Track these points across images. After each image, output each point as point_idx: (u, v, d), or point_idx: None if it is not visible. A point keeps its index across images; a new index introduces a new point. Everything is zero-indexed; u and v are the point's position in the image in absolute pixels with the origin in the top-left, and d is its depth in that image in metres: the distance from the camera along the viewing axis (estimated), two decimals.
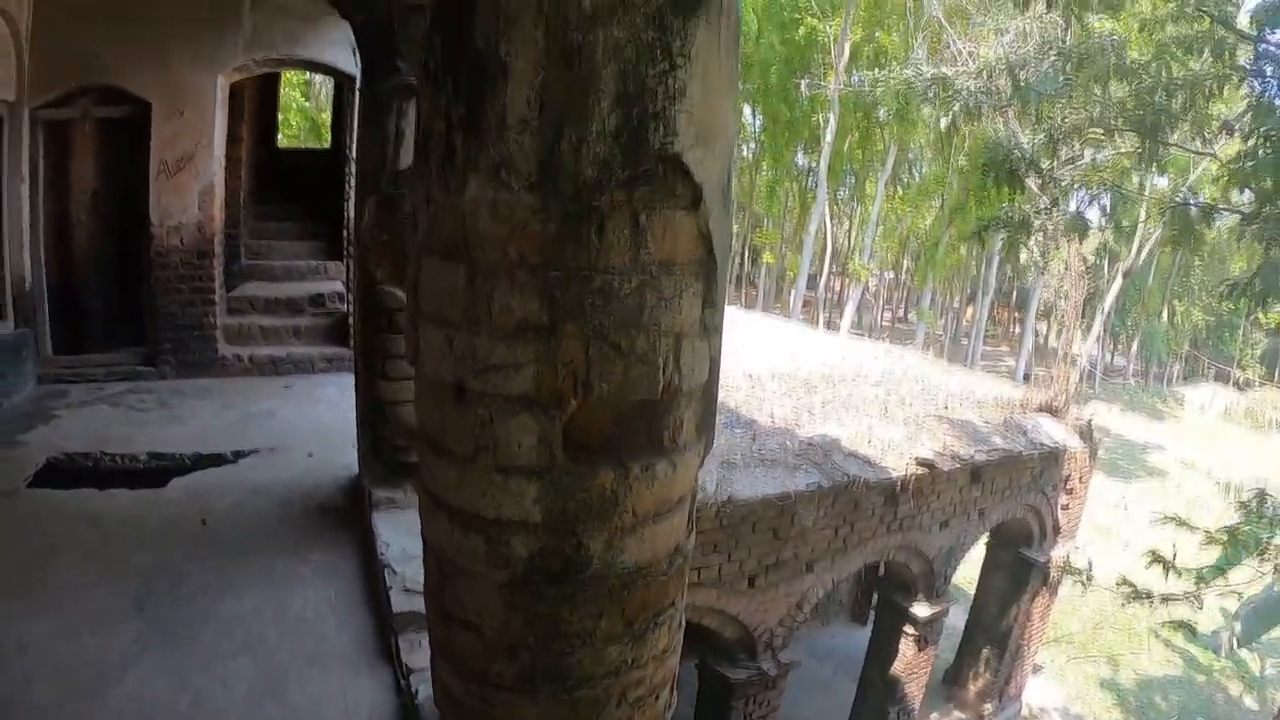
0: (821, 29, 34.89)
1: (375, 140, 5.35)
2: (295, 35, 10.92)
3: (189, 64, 10.86)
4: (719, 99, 2.11)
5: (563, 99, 1.91)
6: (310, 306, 12.15)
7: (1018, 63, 14.10)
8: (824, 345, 16.47)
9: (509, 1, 1.92)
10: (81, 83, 11.15)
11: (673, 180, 2.03)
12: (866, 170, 43.30)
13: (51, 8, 10.74)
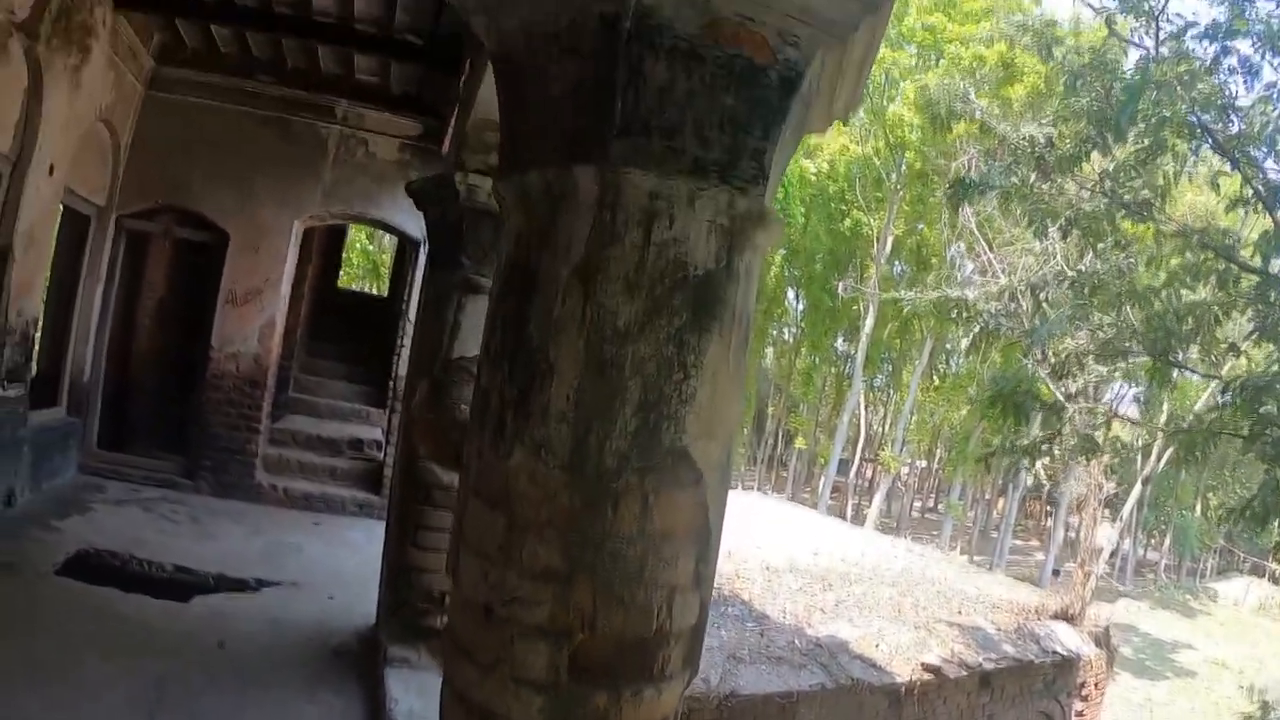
0: (866, 222, 36.18)
1: (434, 327, 5.93)
2: (369, 195, 11.72)
3: (270, 205, 11.66)
4: (726, 397, 2.60)
5: (594, 401, 2.42)
6: (349, 449, 12.64)
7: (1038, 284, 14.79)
8: (846, 539, 16.74)
9: (558, 313, 2.44)
10: (167, 202, 12.05)
11: (680, 468, 2.51)
12: (903, 359, 44.11)
13: (152, 128, 11.68)
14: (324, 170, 11.84)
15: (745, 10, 2.42)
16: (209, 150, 11.72)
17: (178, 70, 11.78)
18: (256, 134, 11.77)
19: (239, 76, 11.71)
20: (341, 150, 11.86)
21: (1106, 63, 14.05)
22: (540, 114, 2.66)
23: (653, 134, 2.42)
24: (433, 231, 6.44)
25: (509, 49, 2.78)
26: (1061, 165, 14.24)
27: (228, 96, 11.80)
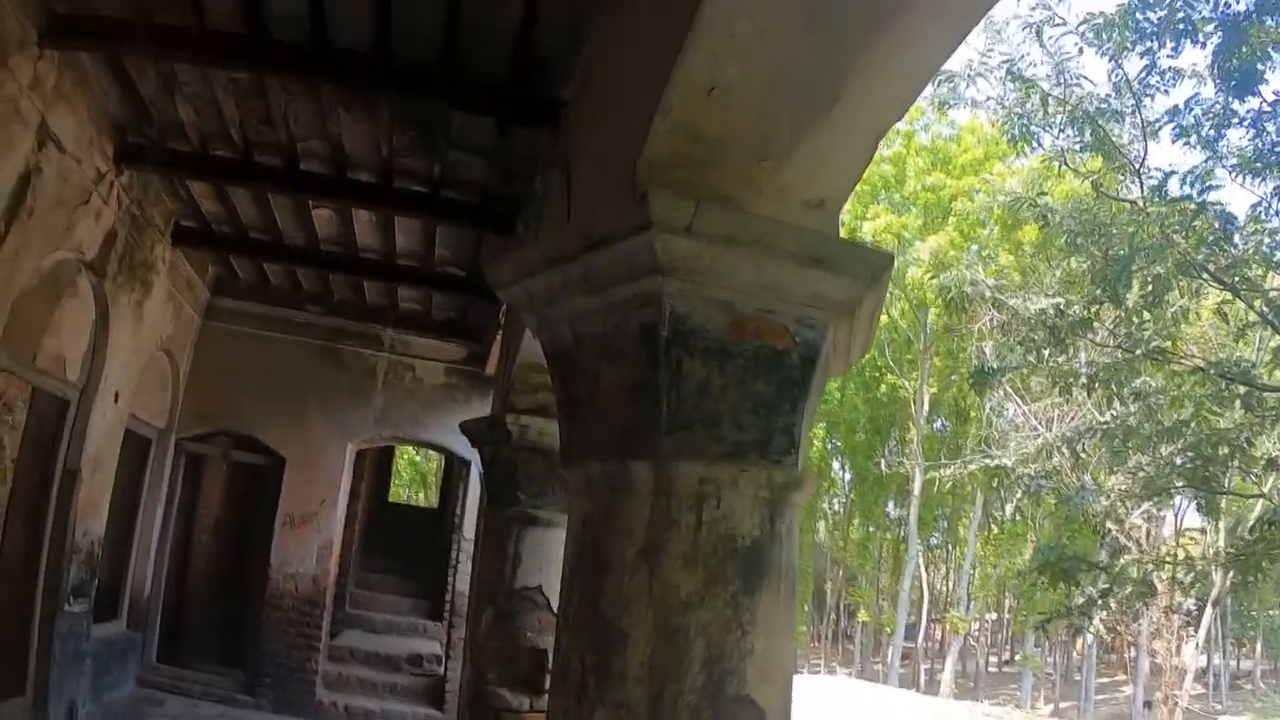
0: (901, 385, 36.44)
1: (495, 559, 6.25)
2: (418, 419, 12.22)
3: (323, 430, 12.16)
4: (780, 644, 2.91)
5: (665, 664, 2.73)
6: (408, 665, 12.72)
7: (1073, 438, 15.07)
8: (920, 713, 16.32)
9: (627, 589, 2.79)
10: (224, 427, 12.56)
11: (745, 714, 2.80)
12: (957, 515, 43.52)
13: (209, 357, 12.34)
14: (374, 395, 12.41)
15: (765, 306, 2.78)
16: (263, 377, 12.34)
17: (232, 301, 12.57)
18: (308, 362, 12.40)
19: (290, 307, 12.44)
20: (390, 376, 12.47)
21: (1099, 224, 14.62)
22: (595, 410, 3.01)
23: (696, 426, 2.74)
24: (488, 468, 6.78)
25: (560, 349, 3.17)
26: (1073, 330, 14.69)
27: (280, 326, 12.50)
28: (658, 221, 2.54)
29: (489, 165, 7.89)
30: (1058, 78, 14.80)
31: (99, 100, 8.30)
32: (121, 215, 9.37)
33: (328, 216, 9.78)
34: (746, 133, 2.85)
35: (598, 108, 4.68)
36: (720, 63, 2.67)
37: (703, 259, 2.62)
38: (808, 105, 2.74)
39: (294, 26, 6.60)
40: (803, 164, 2.91)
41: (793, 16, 2.54)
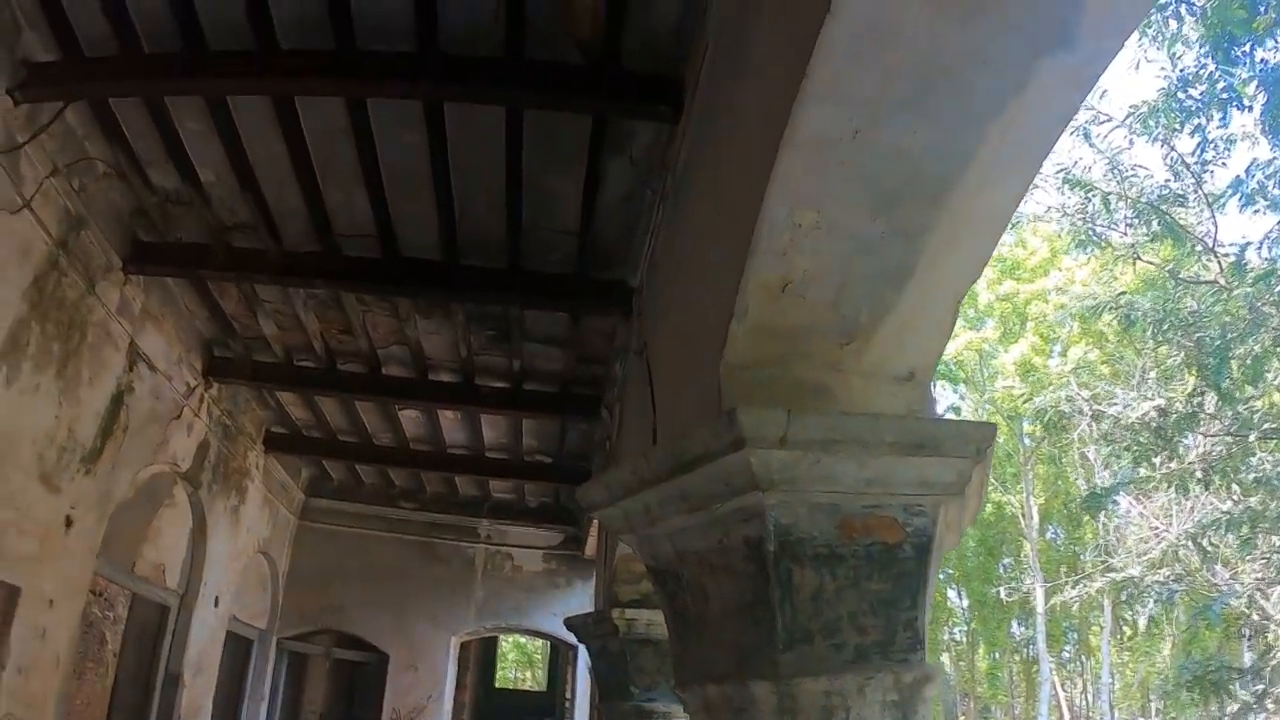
0: (1008, 501, 35.26)
1: None
2: (520, 607, 12.01)
3: (426, 625, 11.98)
4: None
5: None
6: None
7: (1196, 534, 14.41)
8: None
9: None
10: (325, 626, 12.42)
11: None
12: (1085, 623, 41.34)
13: (307, 557, 12.30)
14: (474, 587, 12.26)
15: (871, 502, 2.58)
16: (362, 575, 12.27)
17: (327, 502, 12.63)
18: (406, 557, 12.33)
19: (384, 505, 12.44)
20: (489, 566, 12.34)
21: (1184, 313, 14.17)
22: (706, 628, 2.81)
23: (815, 638, 2.52)
24: (596, 662, 6.60)
25: (663, 566, 2.99)
26: (1179, 427, 14.11)
27: (376, 523, 12.49)
28: (750, 438, 2.42)
29: (566, 354, 7.90)
30: (1113, 173, 14.61)
31: (185, 319, 8.57)
32: (213, 426, 9.55)
33: (414, 416, 9.86)
34: (825, 321, 2.79)
35: (669, 300, 4.59)
36: (789, 259, 2.62)
37: (801, 466, 2.49)
38: (883, 284, 2.69)
39: (364, 243, 6.80)
40: (886, 341, 2.83)
41: (857, 201, 2.49)
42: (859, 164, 2.38)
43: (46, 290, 6.39)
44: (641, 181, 5.69)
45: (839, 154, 2.35)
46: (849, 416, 2.63)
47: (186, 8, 5.14)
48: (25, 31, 5.54)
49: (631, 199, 5.91)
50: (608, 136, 5.44)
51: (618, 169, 5.74)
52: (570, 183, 5.89)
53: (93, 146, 6.47)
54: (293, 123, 5.82)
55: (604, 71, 4.84)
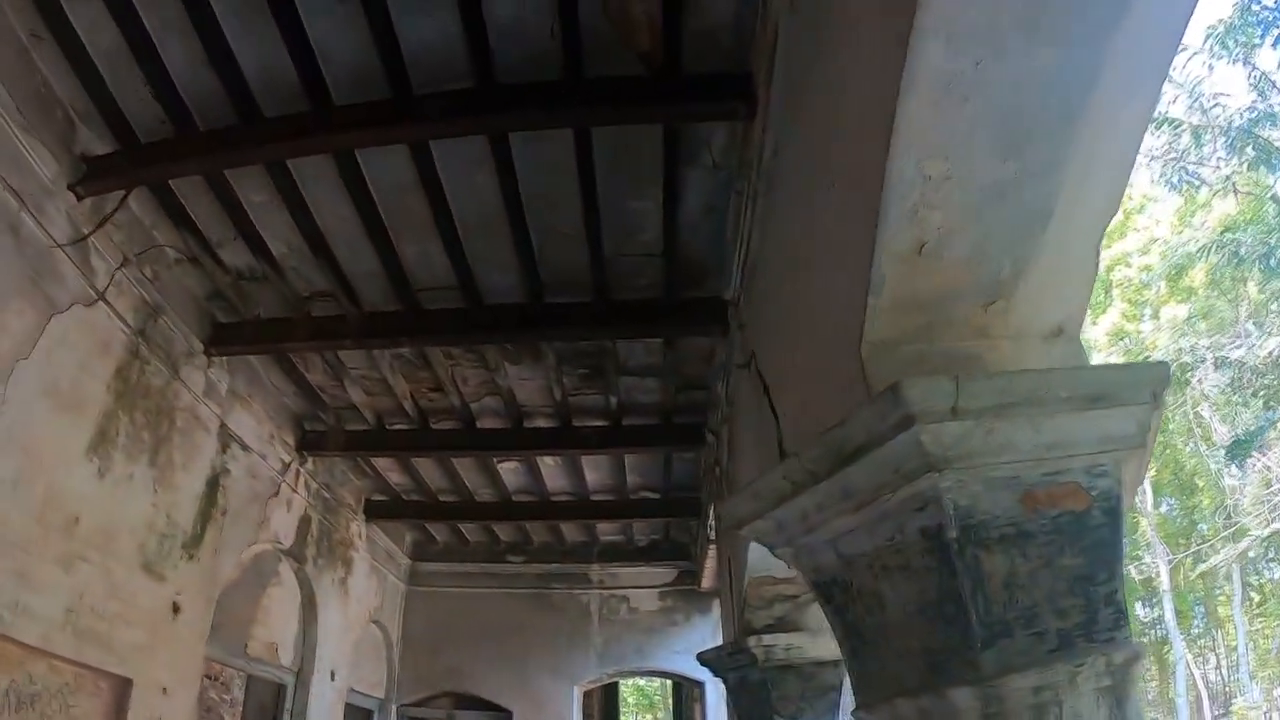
0: None
1: None
2: (640, 648, 11.70)
3: (546, 678, 11.73)
4: None
5: None
6: None
7: None
8: None
9: None
10: (445, 689, 12.24)
11: None
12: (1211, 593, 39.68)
13: (420, 622, 12.18)
14: (592, 634, 11.98)
15: (1051, 469, 2.29)
16: (478, 634, 12.08)
17: (434, 564, 12.51)
18: (520, 611, 12.11)
19: (492, 561, 12.26)
20: (604, 611, 12.04)
21: None
22: (886, 638, 2.53)
23: (1014, 630, 2.23)
24: (735, 695, 6.33)
25: (827, 576, 2.72)
26: None
27: (485, 581, 12.32)
28: (919, 412, 2.19)
29: (663, 383, 7.62)
30: (1195, 107, 13.91)
31: (273, 395, 8.53)
32: (313, 500, 9.49)
33: (513, 468, 9.66)
34: (966, 282, 2.55)
35: (778, 301, 4.26)
36: (921, 217, 2.39)
37: (975, 438, 2.23)
38: (1021, 232, 2.46)
39: (445, 295, 6.69)
40: (1031, 296, 2.58)
41: (985, 142, 2.27)
42: (983, 99, 2.17)
43: (130, 380, 6.41)
44: (724, 186, 5.47)
45: (962, 90, 2.14)
46: (1019, 375, 2.31)
47: (237, 79, 5.11)
48: (80, 128, 5.62)
49: (714, 209, 5.69)
50: (681, 147, 5.25)
51: (696, 180, 5.53)
52: (649, 202, 5.70)
53: (161, 233, 6.50)
54: (358, 181, 5.73)
55: (668, 79, 4.69)
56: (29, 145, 5.30)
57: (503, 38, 4.69)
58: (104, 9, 4.82)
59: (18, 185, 5.25)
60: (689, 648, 10.69)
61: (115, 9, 4.81)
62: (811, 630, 5.78)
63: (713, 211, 5.70)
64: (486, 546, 12.30)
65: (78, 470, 5.85)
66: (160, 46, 5.03)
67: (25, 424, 5.34)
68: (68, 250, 5.68)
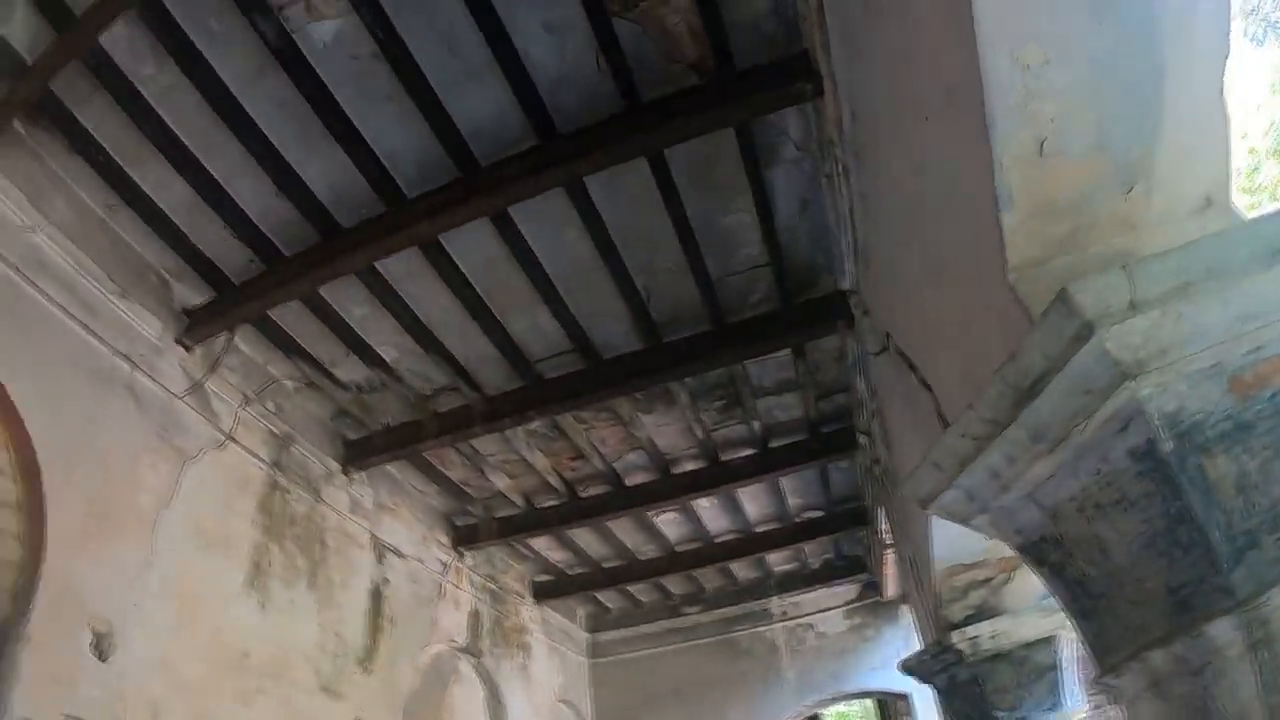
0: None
1: None
2: (835, 673, 11.29)
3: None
4: None
5: None
6: None
7: None
8: None
9: None
10: None
11: None
12: None
13: (610, 694, 12.05)
14: (783, 669, 11.57)
15: (1249, 345, 1.97)
16: (670, 693, 11.81)
17: (612, 632, 12.30)
18: (706, 662, 11.80)
19: (669, 617, 12.02)
20: (792, 642, 11.63)
21: None
22: (1119, 589, 2.26)
23: (1260, 539, 1.92)
24: (947, 698, 5.90)
25: (1034, 536, 2.48)
26: None
27: (666, 638, 12.07)
28: (1096, 316, 1.96)
29: (802, 395, 7.29)
30: None
31: (419, 499, 8.52)
32: (478, 593, 9.45)
33: (671, 518, 9.43)
34: (1099, 171, 2.28)
35: (901, 270, 3.99)
36: (1031, 109, 2.17)
37: (1164, 329, 1.97)
38: (1139, 101, 2.18)
39: (563, 360, 6.61)
40: (1169, 170, 2.27)
41: (1075, 10, 2.08)
42: None
43: (274, 511, 6.52)
44: (812, 175, 5.22)
45: None
46: (1193, 245, 2.01)
47: (310, 200, 5.22)
48: (173, 283, 5.80)
49: (809, 202, 5.43)
50: (758, 147, 5.02)
51: (783, 177, 5.29)
52: (742, 214, 5.48)
53: (275, 366, 6.62)
54: (449, 267, 5.71)
55: (726, 80, 4.50)
56: (129, 310, 5.50)
57: (553, 88, 4.62)
58: (168, 167, 4.97)
59: (126, 349, 5.44)
60: (885, 662, 10.23)
61: (179, 165, 4.95)
62: (1014, 611, 5.35)
63: (808, 205, 5.44)
64: (661, 603, 12.06)
65: (239, 606, 5.96)
66: (230, 189, 5.18)
67: (179, 571, 5.48)
68: (187, 400, 5.86)
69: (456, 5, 4.18)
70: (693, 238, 5.52)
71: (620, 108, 4.63)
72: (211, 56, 4.43)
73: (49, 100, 4.61)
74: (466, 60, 4.45)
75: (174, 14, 4.24)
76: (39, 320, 4.90)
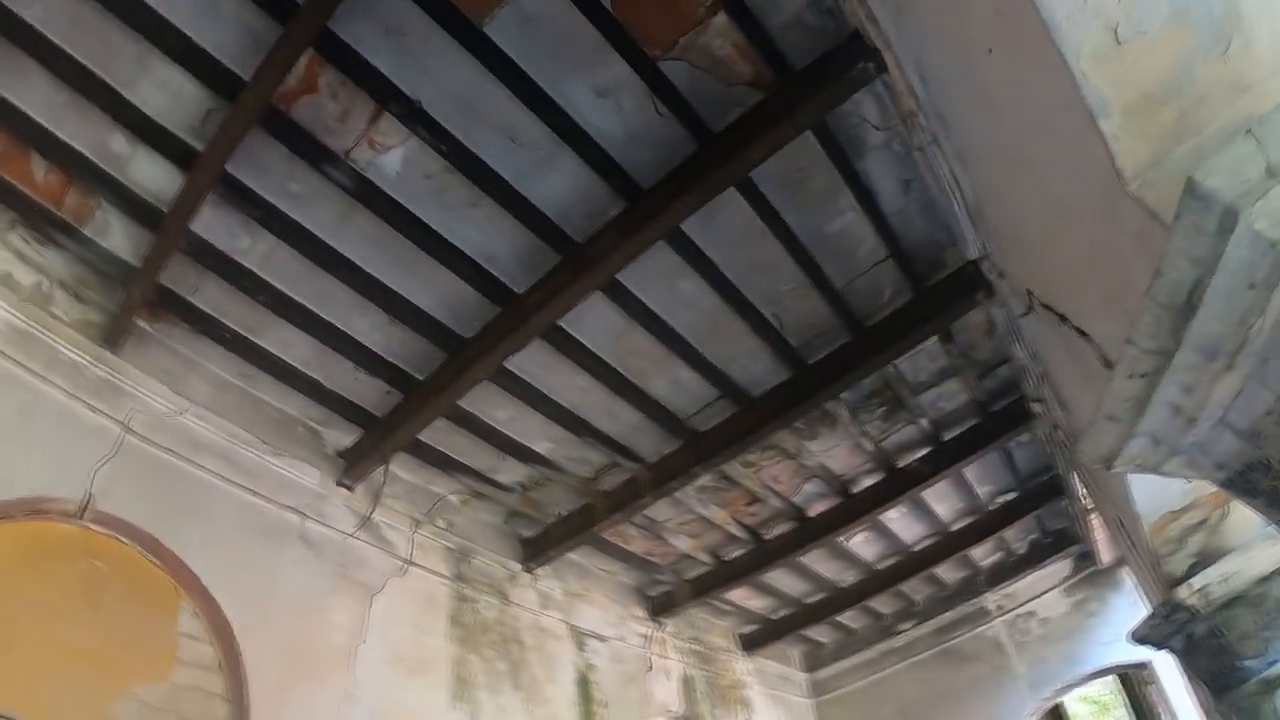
0: None
1: None
2: (1069, 656, 10.60)
3: None
4: None
5: None
6: None
7: None
8: None
9: None
10: None
11: None
12: None
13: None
14: (1013, 665, 10.94)
15: None
16: (900, 716, 11.37)
17: (830, 668, 11.94)
18: (932, 676, 11.28)
19: (884, 639, 11.62)
20: (1015, 635, 11.04)
21: None
22: None
23: None
24: (1188, 660, 5.36)
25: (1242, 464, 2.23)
26: None
27: (886, 661, 11.63)
28: (1236, 197, 1.71)
29: (963, 379, 6.94)
30: None
31: (607, 579, 8.54)
32: (686, 658, 9.33)
33: (863, 538, 9.14)
34: (1184, 41, 1.98)
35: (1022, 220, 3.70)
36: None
37: None
38: None
39: (714, 409, 6.56)
40: (1259, 11, 1.96)
41: None
42: None
43: (466, 623, 6.66)
44: (904, 154, 4.97)
45: None
46: None
47: (425, 320, 5.41)
48: (323, 432, 6.13)
49: (909, 180, 5.18)
50: (842, 141, 4.86)
51: (876, 164, 5.07)
52: (847, 214, 5.28)
53: (437, 485, 6.81)
54: (576, 349, 5.76)
55: (788, 85, 4.35)
56: (287, 466, 5.79)
57: (624, 149, 4.61)
58: (287, 325, 5.25)
59: (292, 502, 5.73)
60: (1116, 634, 9.52)
61: (297, 321, 5.23)
62: (1239, 547, 4.84)
63: (910, 184, 5.20)
64: (873, 626, 11.64)
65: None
66: (349, 330, 5.41)
67: (385, 699, 5.68)
68: (360, 536, 6.11)
69: (506, 99, 4.23)
70: (806, 252, 5.38)
71: (694, 147, 4.56)
72: (297, 215, 4.65)
73: (164, 294, 4.96)
74: (533, 148, 4.48)
75: (252, 186, 4.50)
76: (204, 494, 5.22)
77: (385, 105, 4.21)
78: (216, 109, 4.15)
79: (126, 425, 4.89)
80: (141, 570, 4.75)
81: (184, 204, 4.36)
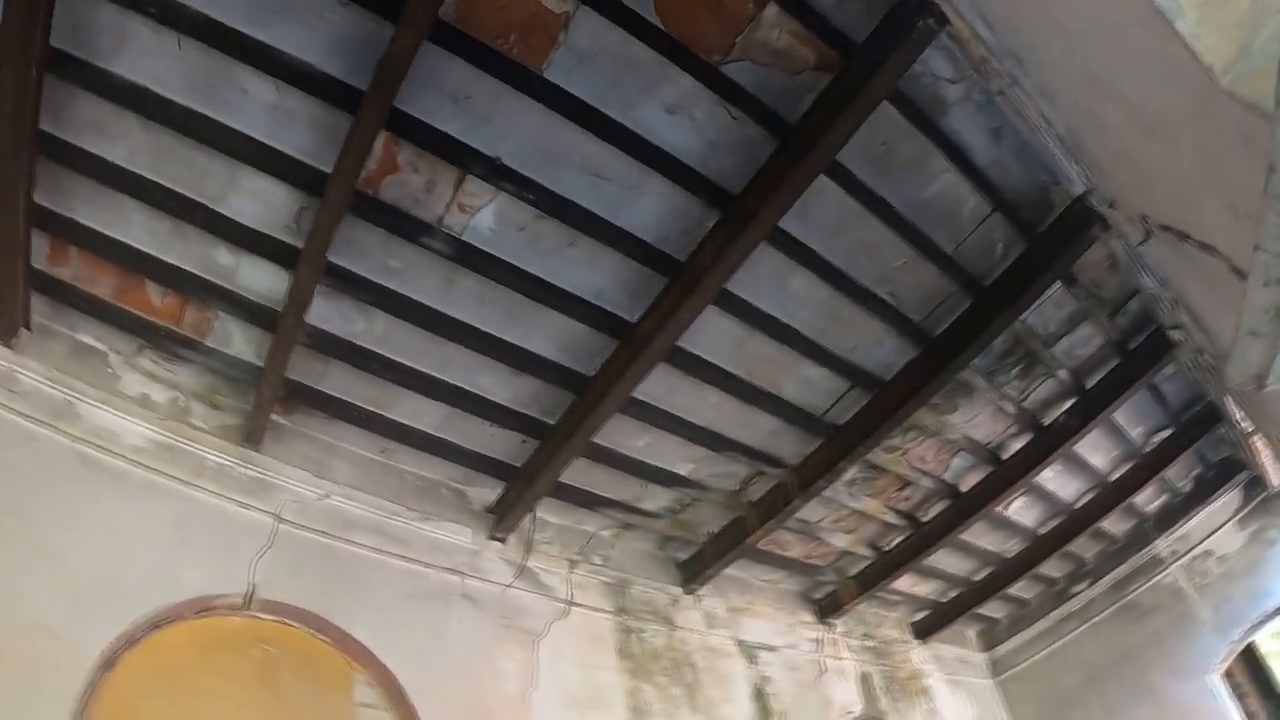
0: None
1: None
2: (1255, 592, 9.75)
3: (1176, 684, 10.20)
4: None
5: None
6: None
7: None
8: None
9: None
10: None
11: None
12: None
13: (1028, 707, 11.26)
14: (1196, 611, 10.33)
15: None
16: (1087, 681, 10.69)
17: (1008, 644, 11.56)
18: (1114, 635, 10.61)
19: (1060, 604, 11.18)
20: (1194, 579, 10.46)
21: None
22: None
23: None
24: None
25: None
26: None
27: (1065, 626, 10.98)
28: None
29: (1094, 321, 6.67)
30: None
31: (769, 589, 8.51)
32: (861, 656, 9.21)
33: (1022, 504, 8.84)
34: None
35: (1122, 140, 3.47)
36: None
37: None
38: None
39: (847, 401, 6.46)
40: None
41: None
42: None
43: (634, 654, 6.73)
44: (987, 102, 4.77)
45: None
46: None
47: (544, 365, 5.48)
48: (467, 491, 6.33)
49: (998, 129, 4.99)
50: (920, 104, 4.72)
51: (961, 119, 4.90)
52: (942, 176, 5.12)
53: (586, 524, 6.93)
54: (702, 366, 5.79)
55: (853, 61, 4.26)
56: (437, 529, 5.99)
57: (706, 159, 4.61)
58: (415, 395, 5.48)
59: (448, 564, 5.93)
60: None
61: (423, 390, 5.45)
62: None
63: (999, 131, 5.01)
64: (1046, 594, 11.19)
65: None
66: (475, 389, 5.56)
67: None
68: (518, 585, 6.26)
69: (581, 137, 4.27)
70: (909, 224, 5.25)
71: (775, 143, 4.51)
72: (404, 289, 4.82)
73: (293, 387, 5.19)
74: (617, 178, 4.51)
75: (355, 271, 4.68)
76: (362, 568, 5.45)
77: (467, 168, 4.30)
78: (307, 206, 4.32)
79: (279, 515, 5.14)
80: (312, 649, 4.94)
81: (295, 300, 4.54)
